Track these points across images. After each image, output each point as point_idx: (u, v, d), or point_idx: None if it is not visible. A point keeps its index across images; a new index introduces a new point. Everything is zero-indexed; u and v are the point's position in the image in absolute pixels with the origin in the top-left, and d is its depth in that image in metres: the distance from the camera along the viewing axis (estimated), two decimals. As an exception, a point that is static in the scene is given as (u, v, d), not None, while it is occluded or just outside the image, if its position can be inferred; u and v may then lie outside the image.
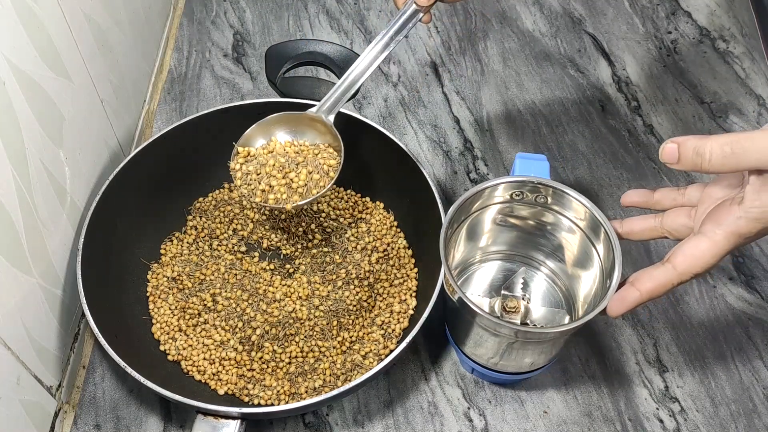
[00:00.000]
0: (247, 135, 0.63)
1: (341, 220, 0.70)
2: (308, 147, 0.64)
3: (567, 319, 0.62)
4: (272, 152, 0.63)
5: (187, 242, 0.69)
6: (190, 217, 0.71)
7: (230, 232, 0.70)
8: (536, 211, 0.60)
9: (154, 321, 0.65)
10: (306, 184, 0.62)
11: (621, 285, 0.52)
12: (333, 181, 0.62)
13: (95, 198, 0.63)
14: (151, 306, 0.66)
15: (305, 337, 0.63)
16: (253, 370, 0.62)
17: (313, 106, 0.64)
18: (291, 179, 0.61)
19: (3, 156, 0.51)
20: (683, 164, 0.47)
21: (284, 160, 0.62)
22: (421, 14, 0.61)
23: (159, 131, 0.68)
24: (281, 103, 0.69)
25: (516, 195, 0.59)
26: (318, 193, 0.61)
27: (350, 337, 0.63)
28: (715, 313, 0.67)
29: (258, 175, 0.62)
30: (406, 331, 0.63)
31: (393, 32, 0.61)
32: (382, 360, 0.57)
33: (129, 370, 0.55)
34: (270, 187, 0.61)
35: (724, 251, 0.47)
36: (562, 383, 0.63)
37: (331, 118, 0.63)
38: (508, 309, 0.60)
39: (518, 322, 0.60)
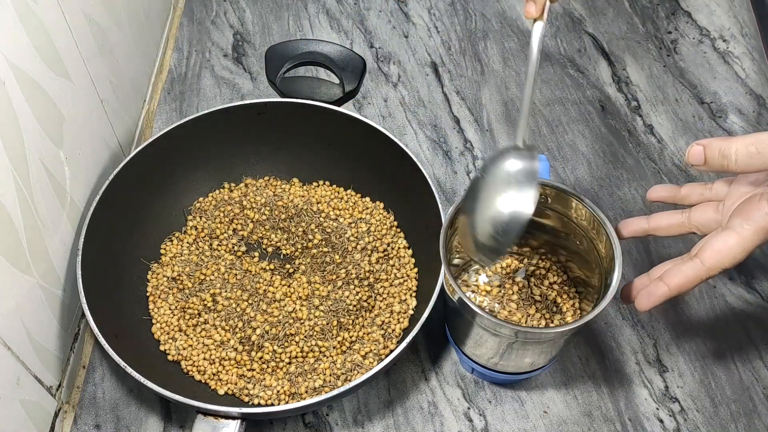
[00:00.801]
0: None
1: (341, 220, 0.70)
2: None
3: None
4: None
5: (187, 242, 0.69)
6: (190, 217, 0.71)
7: (230, 232, 0.70)
8: (536, 211, 0.60)
9: (154, 321, 0.65)
10: None
11: (617, 284, 0.52)
12: None
13: (95, 198, 0.63)
14: (151, 306, 0.66)
15: (305, 337, 0.63)
16: (253, 370, 0.62)
17: (315, 104, 0.63)
18: None
19: (3, 156, 0.51)
20: (710, 166, 0.48)
21: None
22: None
23: (159, 131, 0.68)
24: (281, 103, 0.69)
25: (516, 195, 0.59)
26: None
27: (350, 337, 0.63)
28: (715, 313, 0.67)
29: None
30: (406, 331, 0.63)
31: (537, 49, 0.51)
32: (382, 360, 0.57)
33: (129, 370, 0.55)
34: None
35: (753, 246, 0.47)
36: (562, 383, 0.63)
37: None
38: (508, 309, 0.60)
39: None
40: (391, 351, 0.58)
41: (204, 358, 0.62)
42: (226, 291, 0.66)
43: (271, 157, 0.73)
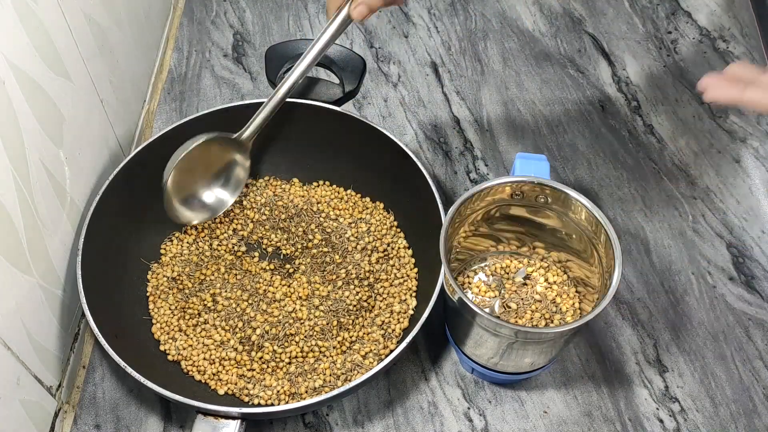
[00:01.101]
0: None
1: (341, 220, 0.70)
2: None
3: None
4: None
5: (187, 242, 0.69)
6: (190, 217, 0.71)
7: (230, 232, 0.70)
8: (536, 211, 0.60)
9: (154, 321, 0.65)
10: None
11: (617, 284, 0.52)
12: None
13: (95, 198, 0.64)
14: (151, 306, 0.66)
15: (305, 337, 0.63)
16: (253, 370, 0.62)
17: (315, 104, 0.63)
18: None
19: (3, 156, 0.51)
20: None
21: None
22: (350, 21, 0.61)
23: (159, 131, 0.68)
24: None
25: (516, 195, 0.59)
26: None
27: (350, 337, 0.63)
28: (715, 313, 0.67)
29: None
30: (406, 331, 0.63)
31: (323, 43, 0.62)
32: (382, 360, 0.57)
33: (129, 370, 0.55)
34: None
35: None
36: (562, 383, 0.63)
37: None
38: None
39: (518, 322, 0.60)
40: (391, 351, 0.58)
41: (204, 358, 0.62)
42: (226, 291, 0.66)
43: (271, 157, 0.73)
